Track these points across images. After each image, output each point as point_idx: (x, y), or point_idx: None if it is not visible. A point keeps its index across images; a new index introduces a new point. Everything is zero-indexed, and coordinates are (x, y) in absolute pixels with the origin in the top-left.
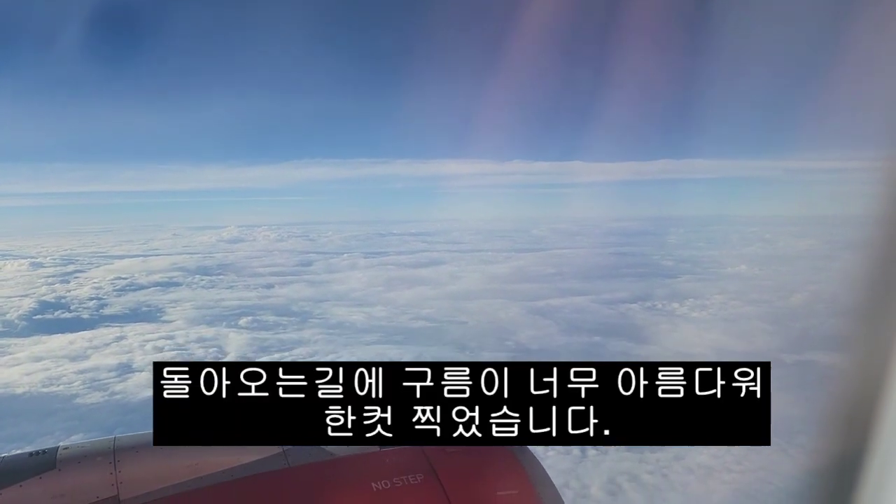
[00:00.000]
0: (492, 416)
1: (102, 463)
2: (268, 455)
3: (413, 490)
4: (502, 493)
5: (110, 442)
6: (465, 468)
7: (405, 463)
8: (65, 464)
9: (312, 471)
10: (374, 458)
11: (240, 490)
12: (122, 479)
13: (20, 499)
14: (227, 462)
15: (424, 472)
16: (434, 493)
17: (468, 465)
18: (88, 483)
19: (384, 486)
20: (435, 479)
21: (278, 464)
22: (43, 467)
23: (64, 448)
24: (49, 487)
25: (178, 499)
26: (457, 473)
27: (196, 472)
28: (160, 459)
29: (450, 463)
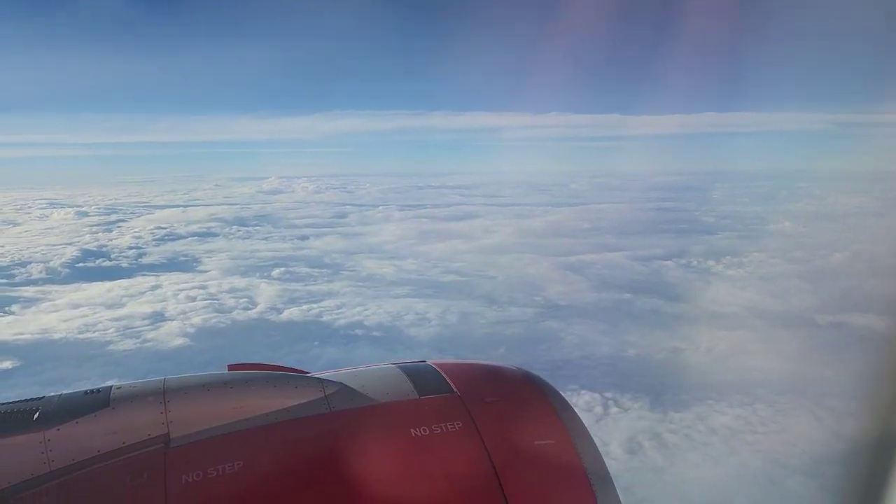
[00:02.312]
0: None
1: (153, 402)
2: (310, 399)
3: (451, 437)
4: (539, 442)
5: (160, 383)
6: (503, 417)
7: (444, 411)
8: (118, 402)
9: (353, 416)
10: (413, 405)
11: (283, 432)
12: (171, 419)
13: (77, 434)
14: (271, 405)
15: (462, 420)
16: (472, 441)
17: (505, 414)
18: (140, 421)
19: (423, 433)
20: (473, 427)
21: (320, 408)
22: (97, 405)
23: (117, 388)
24: (103, 424)
25: (224, 439)
26: (494, 422)
27: (240, 414)
28: (207, 401)
29: (487, 412)
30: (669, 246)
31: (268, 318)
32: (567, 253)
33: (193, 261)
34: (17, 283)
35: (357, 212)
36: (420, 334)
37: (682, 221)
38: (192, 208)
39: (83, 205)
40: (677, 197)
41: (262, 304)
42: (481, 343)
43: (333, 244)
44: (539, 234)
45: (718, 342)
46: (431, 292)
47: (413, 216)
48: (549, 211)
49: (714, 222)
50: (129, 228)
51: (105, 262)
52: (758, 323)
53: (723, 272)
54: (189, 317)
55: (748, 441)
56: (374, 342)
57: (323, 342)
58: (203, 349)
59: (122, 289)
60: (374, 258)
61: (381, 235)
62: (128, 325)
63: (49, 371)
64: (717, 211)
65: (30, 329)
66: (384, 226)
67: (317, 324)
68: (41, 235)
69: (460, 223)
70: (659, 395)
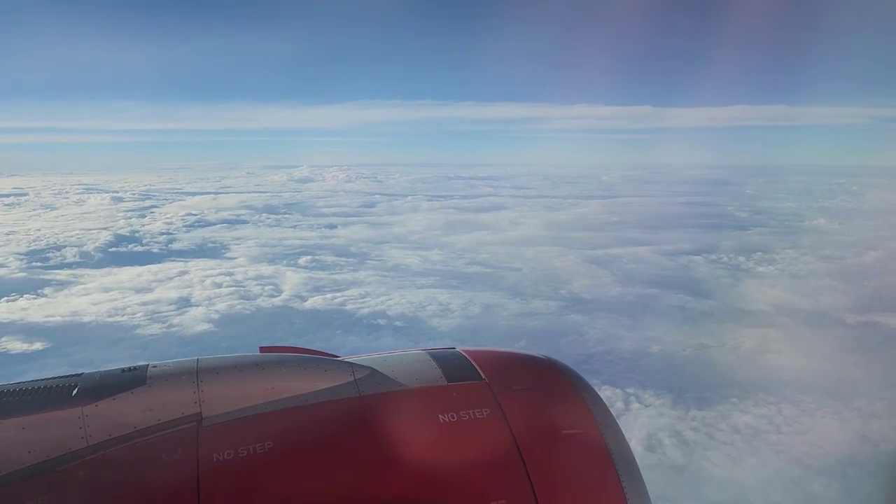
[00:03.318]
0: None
1: (187, 382)
2: (340, 383)
3: (478, 424)
4: (567, 431)
5: (194, 363)
6: (531, 405)
7: (472, 397)
8: (154, 381)
9: (382, 400)
10: (442, 391)
11: (313, 414)
12: (204, 398)
13: (114, 410)
14: (301, 388)
15: (490, 407)
16: (499, 428)
17: (533, 402)
18: (174, 400)
19: (451, 419)
20: (500, 414)
21: (350, 392)
22: (134, 383)
23: (153, 366)
24: (140, 402)
25: (254, 419)
26: (522, 410)
27: (271, 395)
28: (239, 382)
29: (515, 399)
30: (699, 241)
31: (292, 305)
32: (594, 246)
33: (222, 247)
34: (51, 266)
35: (386, 201)
36: (442, 325)
37: (714, 216)
38: (223, 196)
39: (119, 190)
40: (709, 191)
41: (286, 292)
42: (503, 335)
43: (360, 233)
44: (566, 226)
45: (745, 340)
46: (456, 283)
47: (441, 207)
48: (577, 203)
49: (746, 218)
50: (162, 214)
51: (137, 247)
52: (786, 321)
53: (753, 269)
54: (214, 303)
55: (771, 441)
56: (397, 332)
57: (346, 331)
58: (227, 335)
59: (152, 274)
60: (401, 248)
61: (408, 225)
62: (155, 310)
63: (78, 353)
64: (750, 206)
65: (60, 311)
66: (412, 216)
67: (340, 312)
68: (77, 220)
69: (487, 214)
70: (682, 392)
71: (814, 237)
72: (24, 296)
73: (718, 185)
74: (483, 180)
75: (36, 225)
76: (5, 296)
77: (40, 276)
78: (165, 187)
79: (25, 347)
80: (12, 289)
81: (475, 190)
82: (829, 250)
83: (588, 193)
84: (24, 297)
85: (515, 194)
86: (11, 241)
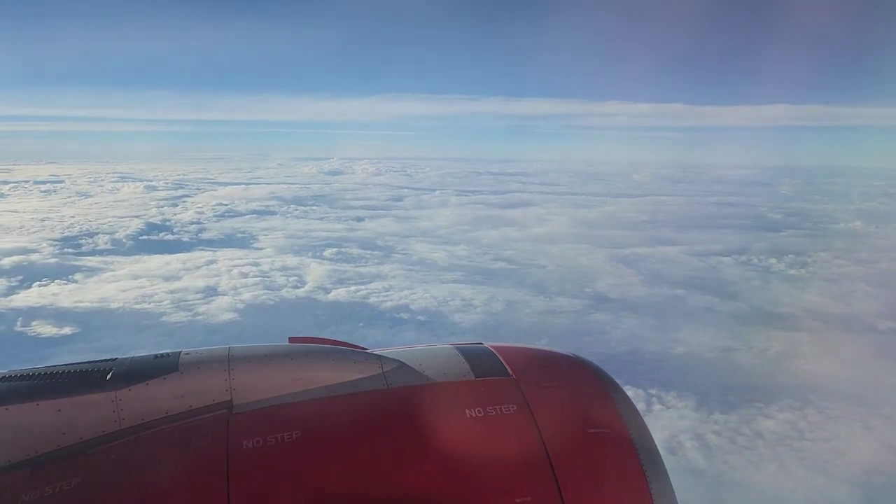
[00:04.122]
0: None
1: (218, 370)
2: (368, 375)
3: (505, 420)
4: (594, 430)
5: (226, 351)
6: (558, 403)
7: (499, 393)
8: (186, 367)
9: (410, 393)
10: (469, 385)
11: (341, 405)
12: (235, 386)
13: (147, 395)
14: (330, 378)
15: (517, 403)
16: (526, 425)
17: (561, 400)
18: (206, 387)
19: (478, 414)
20: (527, 411)
21: (378, 384)
22: (167, 369)
23: (185, 353)
24: (172, 388)
25: (284, 408)
26: (549, 408)
27: (300, 385)
28: (269, 371)
29: (543, 397)
30: (729, 242)
31: (315, 297)
32: (621, 245)
33: (250, 238)
34: (83, 252)
35: (414, 195)
36: (465, 321)
37: (746, 217)
38: (253, 186)
39: (153, 179)
40: (742, 192)
41: (311, 283)
42: (525, 332)
43: (387, 227)
44: (594, 224)
45: (772, 343)
46: (480, 279)
47: (469, 202)
48: (606, 201)
49: (780, 219)
50: (193, 204)
51: (167, 235)
52: (816, 325)
53: (784, 271)
54: (240, 292)
55: (794, 447)
56: (419, 326)
57: (368, 324)
58: (250, 325)
59: (180, 262)
60: (427, 242)
61: (435, 220)
62: (182, 298)
63: (106, 339)
64: (784, 207)
65: (89, 297)
66: (439, 210)
67: (363, 305)
68: (110, 207)
69: (515, 210)
70: (705, 394)
71: (849, 240)
72: (55, 281)
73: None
74: (512, 176)
75: (70, 212)
76: (37, 281)
77: (72, 262)
78: (198, 177)
79: (55, 332)
80: (44, 274)
81: (504, 186)
82: (864, 254)
83: (618, 191)
84: (55, 283)
85: (544, 191)
86: (46, 228)
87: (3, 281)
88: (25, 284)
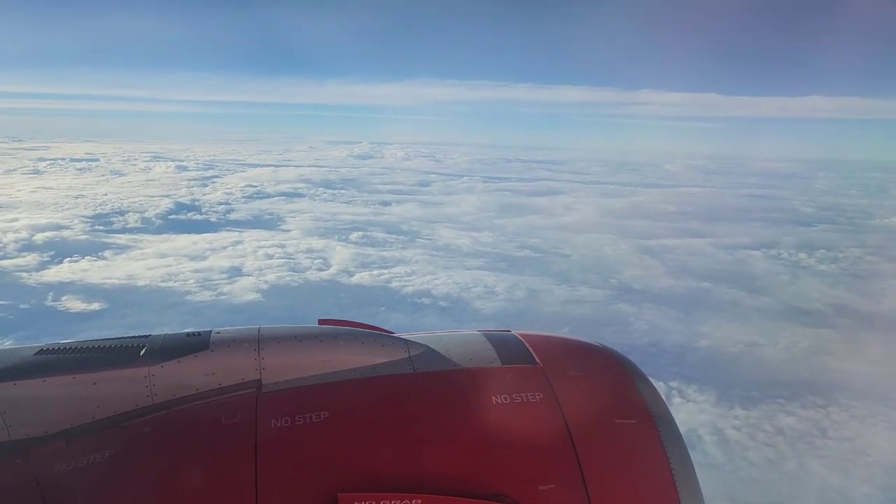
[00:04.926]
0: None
1: (248, 349)
2: (395, 359)
3: (531, 407)
4: (620, 420)
5: (255, 331)
6: (584, 392)
7: (525, 381)
8: (216, 346)
9: (436, 378)
10: (496, 372)
11: (367, 388)
12: (264, 366)
13: (178, 372)
14: (357, 361)
15: (544, 391)
16: (551, 413)
17: (587, 389)
18: (236, 365)
19: (503, 401)
20: (553, 399)
21: (404, 368)
22: (198, 347)
23: (216, 332)
24: (202, 365)
25: (311, 389)
26: (575, 396)
27: (328, 367)
28: (298, 352)
29: (569, 385)
30: (759, 235)
31: (339, 280)
32: (648, 236)
33: (277, 220)
34: (114, 230)
35: (442, 181)
36: (486, 307)
37: (777, 210)
38: (283, 168)
39: (184, 160)
40: (776, 184)
41: (335, 267)
42: (547, 321)
43: (413, 212)
44: (622, 214)
45: (798, 340)
46: (504, 266)
47: (496, 189)
48: (636, 191)
49: (813, 213)
50: (223, 184)
51: (196, 215)
52: (844, 322)
53: (814, 266)
54: (264, 273)
55: (815, 445)
56: (441, 312)
57: (390, 308)
58: (273, 306)
59: (207, 242)
60: (452, 228)
61: (461, 206)
62: (207, 278)
63: (133, 315)
64: (818, 201)
65: (117, 274)
66: (466, 196)
67: (385, 289)
68: (142, 186)
69: (542, 199)
70: (727, 389)
71: (883, 236)
72: (85, 257)
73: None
74: (542, 164)
75: (103, 190)
76: (69, 257)
77: (102, 239)
78: (229, 158)
79: (84, 307)
80: (75, 250)
81: (533, 173)
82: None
83: (648, 182)
84: (85, 259)
85: (573, 179)
86: (79, 205)
87: (35, 256)
88: (57, 260)
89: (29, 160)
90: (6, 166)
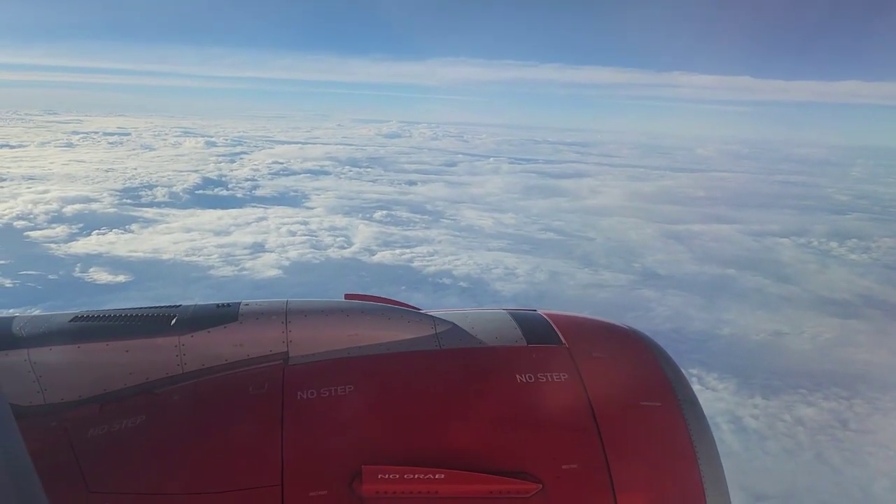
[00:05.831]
0: None
1: (276, 322)
2: (421, 335)
3: (555, 387)
4: (645, 403)
5: (283, 304)
6: (610, 374)
7: (550, 361)
8: (245, 318)
9: (462, 355)
10: (521, 351)
11: (393, 363)
12: (291, 339)
13: (208, 342)
14: (384, 336)
15: (569, 371)
16: (576, 393)
17: (613, 371)
18: (264, 337)
19: (528, 380)
20: (578, 379)
21: (430, 344)
22: (227, 318)
23: (245, 304)
24: (231, 336)
25: (337, 363)
26: (600, 378)
27: (354, 341)
28: (324, 326)
29: (595, 366)
30: (789, 223)
31: (360, 258)
32: (675, 221)
33: (302, 197)
34: (142, 203)
35: (468, 161)
36: (505, 289)
37: (810, 197)
38: (310, 146)
39: (213, 135)
40: (810, 171)
41: (357, 245)
42: (567, 304)
43: (438, 192)
44: (649, 198)
45: (824, 330)
46: (526, 248)
47: (522, 170)
48: (664, 175)
49: (847, 201)
50: (250, 161)
51: (222, 191)
52: (872, 313)
53: (844, 255)
54: (287, 250)
55: (835, 437)
56: (461, 292)
57: (410, 287)
58: (294, 283)
59: (231, 218)
60: (476, 209)
61: (486, 187)
62: (230, 253)
63: (158, 288)
64: (853, 189)
65: (144, 248)
66: (491, 178)
67: (406, 269)
68: (171, 161)
69: (569, 181)
70: (748, 378)
71: None
72: (113, 230)
73: (821, 165)
74: (570, 146)
75: (133, 164)
76: (97, 229)
77: (130, 212)
78: (257, 135)
79: (111, 279)
80: (103, 223)
81: (561, 155)
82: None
83: (679, 166)
84: (113, 232)
85: (601, 162)
86: (109, 178)
87: (64, 228)
88: (85, 232)
89: (63, 133)
90: (41, 139)
